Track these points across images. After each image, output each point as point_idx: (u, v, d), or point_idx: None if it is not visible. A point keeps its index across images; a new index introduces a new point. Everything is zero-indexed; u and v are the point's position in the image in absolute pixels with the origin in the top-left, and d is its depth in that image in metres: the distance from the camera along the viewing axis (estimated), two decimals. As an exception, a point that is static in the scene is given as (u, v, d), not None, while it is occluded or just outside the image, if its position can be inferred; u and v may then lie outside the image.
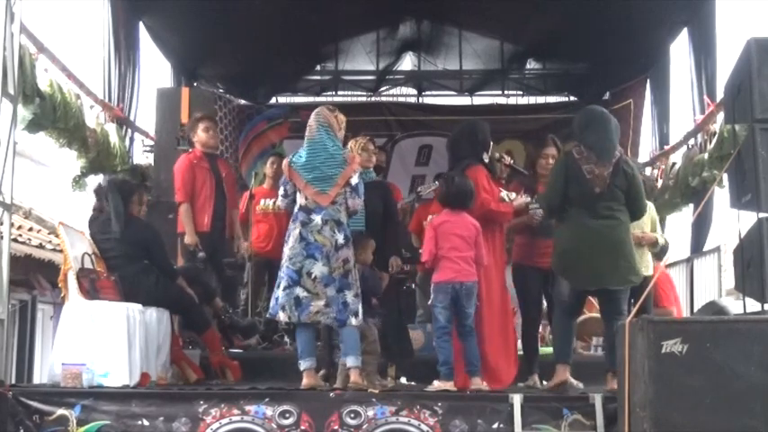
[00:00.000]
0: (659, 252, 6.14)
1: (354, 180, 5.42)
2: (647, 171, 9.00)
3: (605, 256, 5.16)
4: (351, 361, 5.29)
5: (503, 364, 5.61)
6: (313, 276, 5.27)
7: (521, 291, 6.01)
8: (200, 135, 6.96)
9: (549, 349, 6.24)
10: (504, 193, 5.90)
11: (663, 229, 6.59)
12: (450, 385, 5.23)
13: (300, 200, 5.42)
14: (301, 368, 5.31)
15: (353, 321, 5.32)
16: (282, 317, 5.35)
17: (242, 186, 8.50)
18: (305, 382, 5.27)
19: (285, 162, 5.57)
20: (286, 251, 5.40)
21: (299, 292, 5.28)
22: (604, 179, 5.18)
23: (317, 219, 5.33)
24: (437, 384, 5.28)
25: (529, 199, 5.85)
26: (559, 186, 5.28)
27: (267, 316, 5.62)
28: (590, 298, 5.89)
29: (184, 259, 6.84)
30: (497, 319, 5.64)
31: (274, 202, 7.92)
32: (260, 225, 7.82)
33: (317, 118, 5.52)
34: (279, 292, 5.36)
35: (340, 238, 5.34)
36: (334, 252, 5.31)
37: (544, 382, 5.73)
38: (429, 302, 5.45)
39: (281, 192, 5.56)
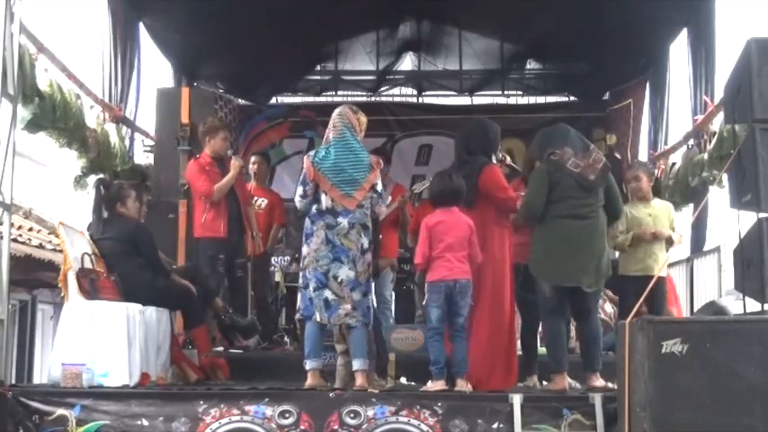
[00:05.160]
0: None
1: (380, 186, 5.41)
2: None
3: (577, 255, 5.22)
4: (358, 364, 5.28)
5: (495, 366, 5.53)
6: (339, 280, 5.26)
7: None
8: (218, 143, 7.00)
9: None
10: None
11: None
12: (440, 385, 5.22)
13: (326, 202, 5.33)
14: (306, 367, 5.30)
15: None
16: (318, 317, 5.32)
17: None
18: (309, 382, 5.27)
19: (307, 161, 5.41)
20: (308, 252, 5.34)
21: (328, 294, 5.27)
22: (593, 165, 5.25)
23: (344, 222, 5.29)
24: (429, 385, 5.28)
25: None
26: (542, 195, 5.32)
27: (299, 316, 5.57)
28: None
29: (206, 263, 6.82)
30: (489, 320, 5.57)
31: (256, 201, 7.92)
32: None
33: (340, 119, 5.44)
34: (311, 293, 5.32)
35: (365, 243, 5.33)
36: (360, 256, 5.30)
37: (544, 383, 5.72)
38: (423, 302, 5.42)
39: (299, 191, 5.40)
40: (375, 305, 5.55)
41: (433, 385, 5.25)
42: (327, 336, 5.68)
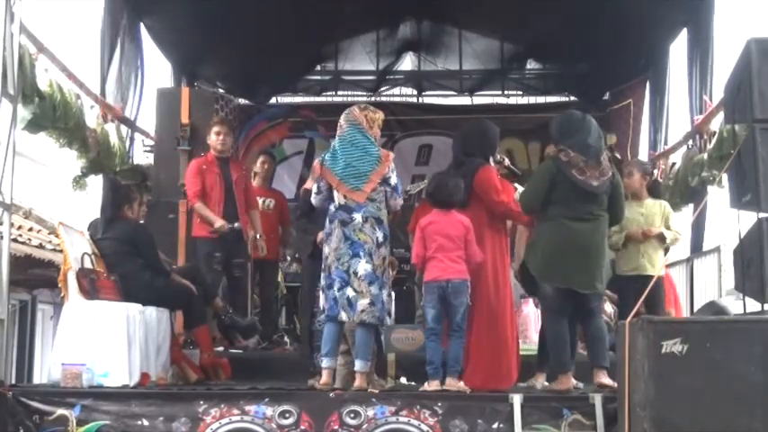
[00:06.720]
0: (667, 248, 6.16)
1: (394, 180, 5.42)
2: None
3: (579, 258, 5.18)
4: (359, 365, 5.27)
5: (494, 365, 5.50)
6: (359, 275, 5.26)
7: (535, 291, 5.98)
8: (211, 138, 7.02)
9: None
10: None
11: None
12: (435, 384, 5.22)
13: (339, 199, 5.38)
14: (323, 365, 5.26)
15: (388, 320, 5.34)
16: (344, 317, 5.30)
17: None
18: (324, 380, 5.22)
19: (317, 161, 5.59)
20: (329, 251, 5.37)
21: (350, 292, 5.27)
22: (599, 176, 5.20)
23: (358, 217, 5.31)
24: (425, 386, 5.28)
25: None
26: (541, 189, 5.30)
27: (323, 318, 5.51)
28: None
29: (203, 261, 6.82)
30: (487, 320, 5.54)
31: (263, 201, 7.94)
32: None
33: (345, 117, 5.53)
34: (335, 293, 5.31)
35: (380, 236, 5.33)
36: (375, 249, 5.31)
37: (545, 383, 5.71)
38: (421, 303, 5.43)
39: (314, 189, 5.52)
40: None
41: (429, 386, 5.25)
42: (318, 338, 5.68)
